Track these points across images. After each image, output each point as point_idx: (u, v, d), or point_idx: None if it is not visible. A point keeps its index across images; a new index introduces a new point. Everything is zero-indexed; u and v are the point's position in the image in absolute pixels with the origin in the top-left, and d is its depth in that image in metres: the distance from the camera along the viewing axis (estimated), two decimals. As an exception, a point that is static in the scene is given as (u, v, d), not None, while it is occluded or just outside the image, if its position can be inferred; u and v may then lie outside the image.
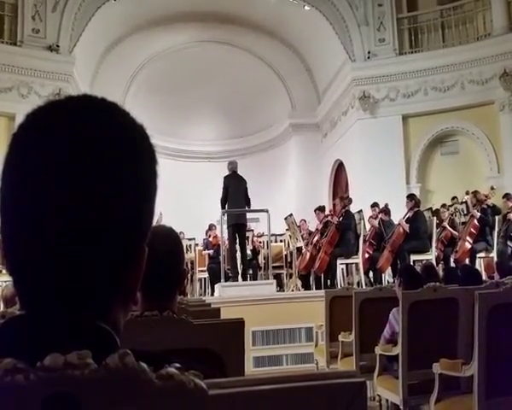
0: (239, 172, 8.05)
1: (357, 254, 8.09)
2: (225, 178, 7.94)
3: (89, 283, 0.57)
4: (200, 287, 10.14)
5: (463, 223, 8.75)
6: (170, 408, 0.50)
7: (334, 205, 12.65)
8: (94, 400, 0.48)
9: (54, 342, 0.51)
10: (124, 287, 0.61)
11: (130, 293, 0.63)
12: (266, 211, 7.59)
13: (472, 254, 7.98)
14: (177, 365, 0.52)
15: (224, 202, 7.79)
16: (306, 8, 11.71)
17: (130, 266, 0.60)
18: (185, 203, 13.08)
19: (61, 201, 0.55)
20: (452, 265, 7.85)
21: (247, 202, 7.80)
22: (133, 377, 0.48)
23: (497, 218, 8.24)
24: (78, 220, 0.55)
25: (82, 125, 0.58)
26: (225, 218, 7.78)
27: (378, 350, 3.58)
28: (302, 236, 9.22)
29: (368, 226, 8.80)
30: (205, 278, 9.93)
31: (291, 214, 9.22)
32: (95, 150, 0.57)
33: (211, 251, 9.73)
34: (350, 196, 9.20)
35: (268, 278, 8.18)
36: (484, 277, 7.08)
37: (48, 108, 0.61)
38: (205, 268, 9.72)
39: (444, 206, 9.10)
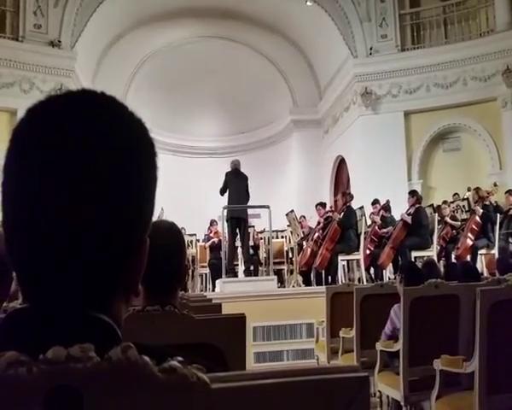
0: (241, 170, 8.11)
1: (358, 250, 8.09)
2: (227, 173, 8.04)
3: (91, 275, 0.57)
4: (202, 283, 10.14)
5: (465, 219, 8.74)
6: (173, 401, 0.50)
7: (335, 201, 12.64)
8: (96, 393, 0.48)
9: (56, 335, 0.51)
10: (126, 278, 0.61)
11: (132, 284, 0.63)
12: (268, 207, 7.61)
13: (473, 250, 7.97)
14: (180, 358, 0.52)
15: (222, 191, 7.97)
16: (308, 3, 11.68)
17: (132, 257, 0.61)
18: (186, 199, 13.08)
19: (63, 195, 0.55)
20: (454, 261, 7.84)
21: (247, 198, 7.86)
22: (136, 371, 0.48)
23: (498, 215, 8.23)
24: (80, 214, 0.55)
25: (82, 120, 0.58)
26: (225, 213, 7.83)
27: (379, 346, 3.58)
28: (303, 232, 9.21)
29: (369, 223, 8.81)
30: (206, 274, 9.94)
31: (292, 210, 9.21)
32: (95, 145, 0.57)
33: (214, 240, 9.66)
34: (351, 193, 9.18)
35: (269, 274, 8.17)
36: (485, 273, 7.08)
37: (48, 103, 0.61)
38: (206, 264, 9.72)
39: (445, 202, 9.10)
